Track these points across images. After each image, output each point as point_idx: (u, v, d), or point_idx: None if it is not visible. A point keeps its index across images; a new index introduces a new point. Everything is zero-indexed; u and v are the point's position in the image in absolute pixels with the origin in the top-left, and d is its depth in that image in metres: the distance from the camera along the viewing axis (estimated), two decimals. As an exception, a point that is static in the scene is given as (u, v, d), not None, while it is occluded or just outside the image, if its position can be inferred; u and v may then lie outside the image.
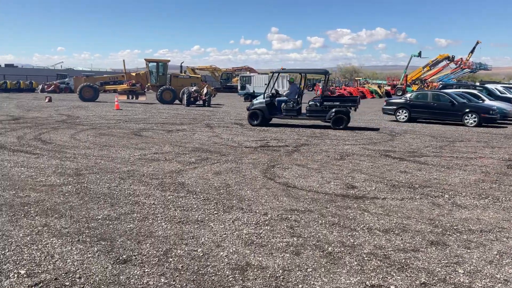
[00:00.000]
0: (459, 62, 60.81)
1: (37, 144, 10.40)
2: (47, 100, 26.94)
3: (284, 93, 17.37)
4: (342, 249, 4.46)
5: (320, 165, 8.71)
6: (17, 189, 6.34)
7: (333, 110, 15.36)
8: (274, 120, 16.61)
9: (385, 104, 20.40)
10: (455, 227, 5.22)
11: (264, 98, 16.16)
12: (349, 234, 4.90)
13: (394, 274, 3.92)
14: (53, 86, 41.35)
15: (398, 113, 19.28)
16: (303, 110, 16.43)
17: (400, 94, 46.76)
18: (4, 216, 5.16)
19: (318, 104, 15.68)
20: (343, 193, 6.63)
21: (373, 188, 7.03)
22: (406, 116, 19.03)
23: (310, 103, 15.97)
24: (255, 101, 16.69)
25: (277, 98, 16.37)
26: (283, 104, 15.99)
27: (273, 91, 16.73)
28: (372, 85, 57.45)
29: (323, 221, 5.28)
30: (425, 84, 56.46)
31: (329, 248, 4.45)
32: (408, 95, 20.60)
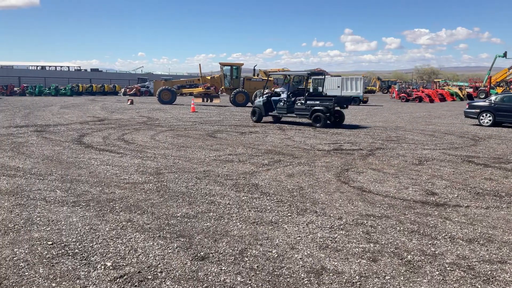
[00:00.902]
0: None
1: (121, 144, 11.04)
2: (129, 103, 28.53)
3: (281, 92, 18.63)
4: (423, 257, 4.27)
5: (397, 170, 8.42)
6: (103, 186, 6.77)
7: (312, 109, 16.28)
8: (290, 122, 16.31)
9: (467, 107, 19.26)
10: (549, 241, 4.80)
11: (262, 98, 18.02)
12: (429, 242, 4.68)
13: (479, 286, 3.69)
14: (134, 89, 43.69)
15: (481, 117, 18.12)
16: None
17: (483, 96, 43.95)
18: (92, 211, 5.54)
19: (303, 103, 16.63)
20: (422, 200, 6.35)
21: (455, 195, 6.67)
22: (490, 120, 17.84)
23: (297, 103, 16.94)
24: (256, 101, 18.70)
25: (272, 98, 17.87)
26: (278, 103, 17.45)
27: (277, 91, 18.62)
28: (452, 87, 54.52)
29: (401, 228, 5.09)
30: (511, 86, 52.58)
31: (408, 256, 4.29)
32: (492, 97, 19.28)
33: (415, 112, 25.60)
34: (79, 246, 4.37)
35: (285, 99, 17.19)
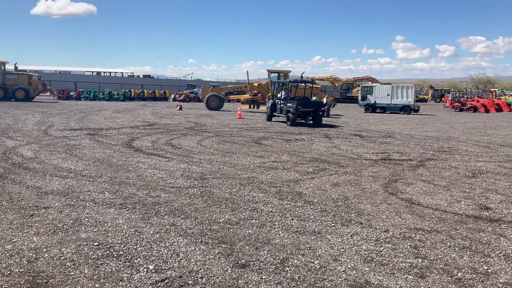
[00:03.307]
0: None
1: (168, 149, 11.26)
2: (178, 108, 29.18)
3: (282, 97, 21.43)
4: (474, 276, 4.03)
5: (449, 183, 8.05)
6: (149, 189, 6.91)
7: (287, 110, 19.67)
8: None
9: (526, 118, 18.24)
10: None
11: (271, 102, 22.11)
12: (482, 260, 4.42)
13: (539, 312, 3.42)
14: (183, 95, 44.70)
15: (542, 128, 17.10)
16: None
17: (543, 107, 41.58)
18: (137, 213, 5.65)
19: (284, 105, 20.13)
20: (475, 214, 6.02)
21: (511, 211, 6.28)
22: (552, 132, 16.80)
23: (282, 105, 20.37)
24: (269, 104, 22.48)
25: (276, 101, 21.67)
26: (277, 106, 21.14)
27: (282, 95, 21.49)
28: (509, 97, 51.92)
29: (452, 244, 4.84)
30: None
31: (459, 274, 4.05)
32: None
33: (469, 123, 24.55)
34: (124, 248, 4.45)
35: (280, 102, 20.85)
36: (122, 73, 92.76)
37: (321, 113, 20.55)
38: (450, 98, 44.61)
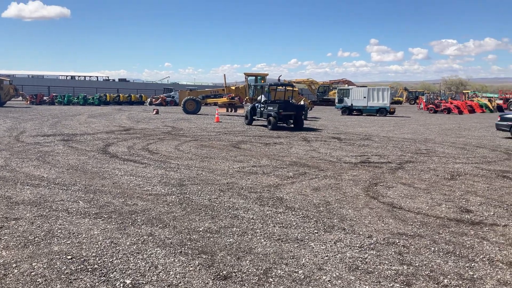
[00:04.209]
0: None
1: (145, 154, 11.00)
2: (154, 112, 28.76)
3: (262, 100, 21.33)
4: (460, 282, 3.97)
5: (429, 185, 8.06)
6: (126, 197, 6.68)
7: (268, 113, 19.33)
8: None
9: (499, 119, 18.58)
10: None
11: (251, 105, 21.78)
12: (467, 265, 4.37)
13: (527, 319, 3.37)
14: (160, 99, 44.12)
15: (515, 130, 17.45)
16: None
17: (513, 108, 42.74)
18: (113, 223, 5.42)
19: (265, 108, 19.87)
20: (457, 218, 6.01)
21: (491, 213, 6.30)
22: (524, 133, 17.16)
23: (263, 109, 20.06)
24: (248, 108, 22.14)
25: (255, 104, 21.43)
26: (257, 109, 20.93)
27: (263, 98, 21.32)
28: (481, 98, 53.15)
29: (436, 249, 4.78)
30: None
31: (445, 280, 3.99)
32: (527, 109, 18.58)
33: (444, 124, 24.95)
34: (99, 261, 4.24)
35: (260, 106, 20.61)
36: (97, 77, 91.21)
37: (303, 116, 20.34)
38: (424, 100, 45.32)
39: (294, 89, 23.75)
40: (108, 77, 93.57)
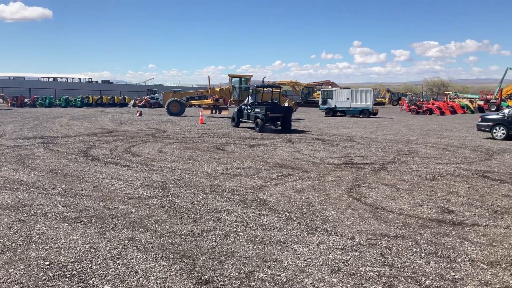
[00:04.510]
0: None
1: (127, 157, 10.87)
2: (138, 114, 28.50)
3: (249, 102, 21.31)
4: (442, 283, 3.99)
5: (411, 186, 8.12)
6: (107, 201, 6.57)
7: (255, 115, 19.12)
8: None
9: (480, 120, 18.89)
10: None
11: (238, 107, 21.63)
12: (448, 266, 4.40)
13: (507, 318, 3.40)
14: (143, 101, 43.79)
15: (494, 130, 17.75)
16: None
17: (494, 109, 43.47)
18: (93, 228, 5.33)
19: (252, 110, 19.70)
20: (438, 218, 6.06)
21: (473, 213, 6.37)
22: (503, 134, 17.45)
23: (250, 111, 19.89)
24: (235, 110, 21.85)
25: (242, 106, 21.26)
26: (244, 111, 20.72)
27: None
28: (463, 99, 53.97)
29: (418, 250, 4.81)
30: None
31: (427, 282, 4.00)
32: (506, 110, 18.89)
33: (426, 125, 25.24)
34: (77, 267, 4.15)
35: (247, 108, 20.46)
36: (79, 78, 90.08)
37: (290, 118, 20.21)
38: (407, 101, 45.83)
39: (281, 90, 23.71)
40: (91, 78, 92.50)
